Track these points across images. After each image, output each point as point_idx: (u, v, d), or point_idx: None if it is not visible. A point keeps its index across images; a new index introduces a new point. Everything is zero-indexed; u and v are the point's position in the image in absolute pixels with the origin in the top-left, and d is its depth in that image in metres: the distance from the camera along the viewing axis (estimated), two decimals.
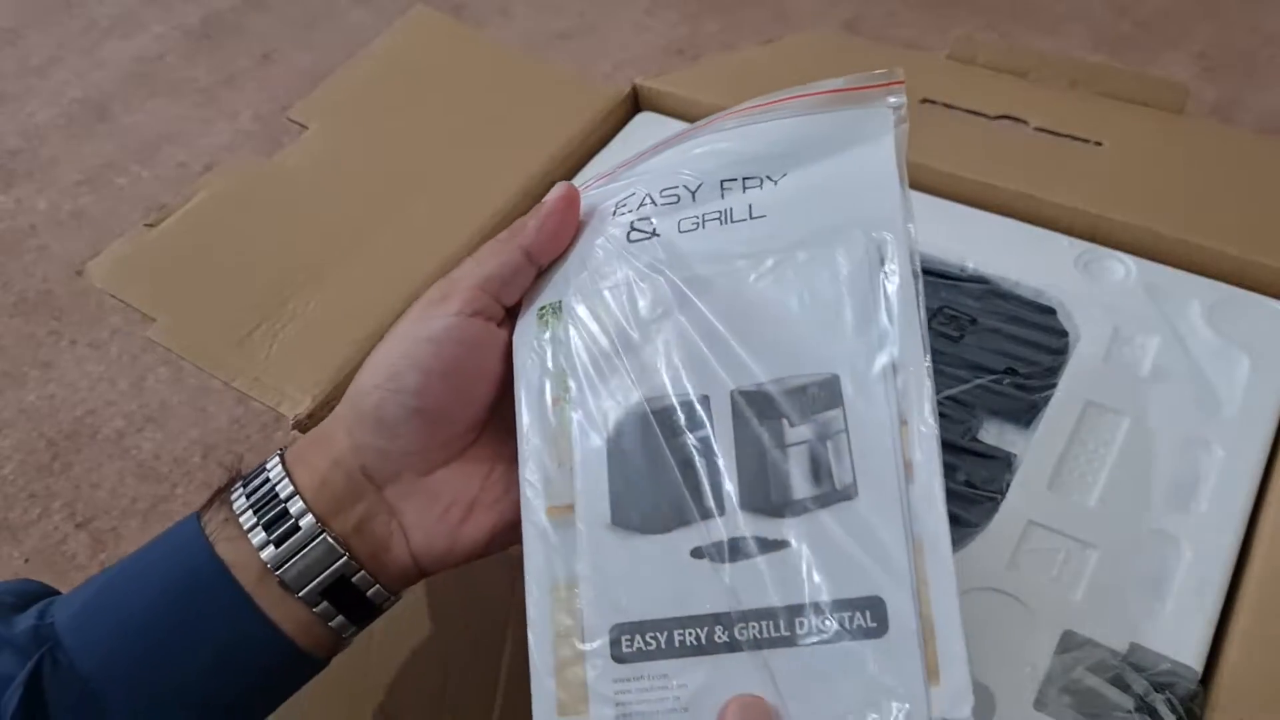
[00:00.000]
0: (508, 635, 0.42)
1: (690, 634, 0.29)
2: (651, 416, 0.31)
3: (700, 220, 0.33)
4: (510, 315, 0.35)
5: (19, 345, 1.03)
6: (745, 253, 0.32)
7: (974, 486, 0.42)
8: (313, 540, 0.32)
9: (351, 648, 0.37)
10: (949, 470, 0.42)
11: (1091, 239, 0.51)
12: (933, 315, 0.48)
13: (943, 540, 0.29)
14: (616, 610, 0.30)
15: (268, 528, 0.31)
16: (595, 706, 0.29)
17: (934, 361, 0.46)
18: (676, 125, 0.59)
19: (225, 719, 0.32)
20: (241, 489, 0.33)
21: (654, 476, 0.31)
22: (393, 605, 0.34)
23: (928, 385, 0.30)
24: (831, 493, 0.30)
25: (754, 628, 0.29)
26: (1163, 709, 0.35)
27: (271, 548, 0.31)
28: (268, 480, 0.32)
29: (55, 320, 1.05)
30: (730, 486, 0.30)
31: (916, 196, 0.53)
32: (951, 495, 0.41)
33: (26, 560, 0.86)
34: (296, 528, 0.31)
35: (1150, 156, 0.54)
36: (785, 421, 0.30)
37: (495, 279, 0.33)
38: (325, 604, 0.32)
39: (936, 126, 0.57)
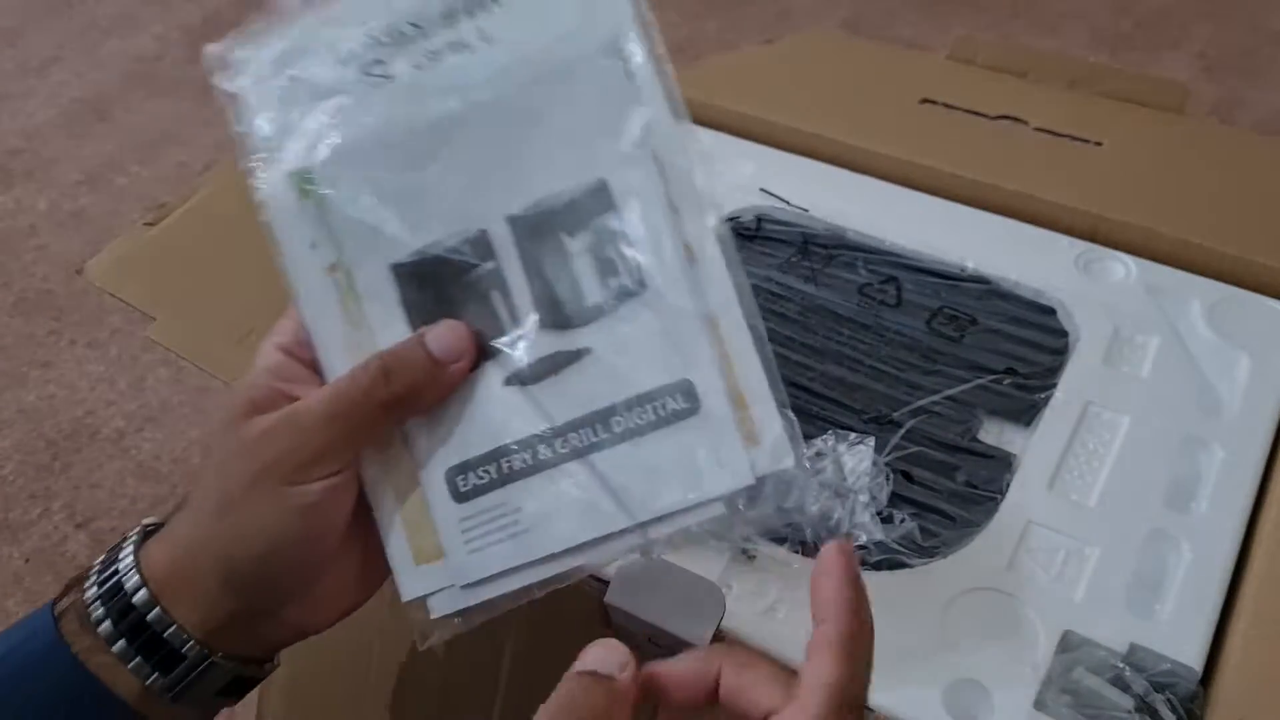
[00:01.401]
0: (508, 635, 0.42)
1: (517, 459, 0.31)
2: (436, 261, 0.32)
3: (432, 54, 0.33)
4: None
5: (19, 345, 1.03)
6: (486, 82, 0.32)
7: (974, 486, 0.42)
8: (200, 664, 0.31)
9: (352, 648, 0.37)
10: (949, 470, 0.42)
11: (1091, 239, 0.51)
12: (933, 315, 0.48)
13: (734, 312, 0.30)
14: (447, 454, 0.31)
15: (145, 654, 0.31)
16: (449, 548, 0.31)
17: (934, 361, 0.46)
18: None
19: None
20: (102, 610, 0.31)
21: (453, 318, 0.31)
22: (275, 668, 0.35)
23: (689, 168, 0.31)
24: (622, 291, 0.31)
25: (574, 438, 0.30)
26: (1163, 709, 0.35)
27: (158, 675, 0.31)
28: (133, 605, 0.31)
29: (55, 320, 1.05)
30: (525, 309, 0.31)
31: (917, 197, 0.54)
32: (951, 495, 0.41)
33: (27, 560, 0.86)
34: (181, 655, 0.31)
35: (1150, 156, 0.54)
36: (564, 235, 0.31)
37: (360, 439, 0.31)
38: (216, 699, 0.32)
39: (936, 126, 0.57)
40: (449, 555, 0.31)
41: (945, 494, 0.42)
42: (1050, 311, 0.48)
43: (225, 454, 0.31)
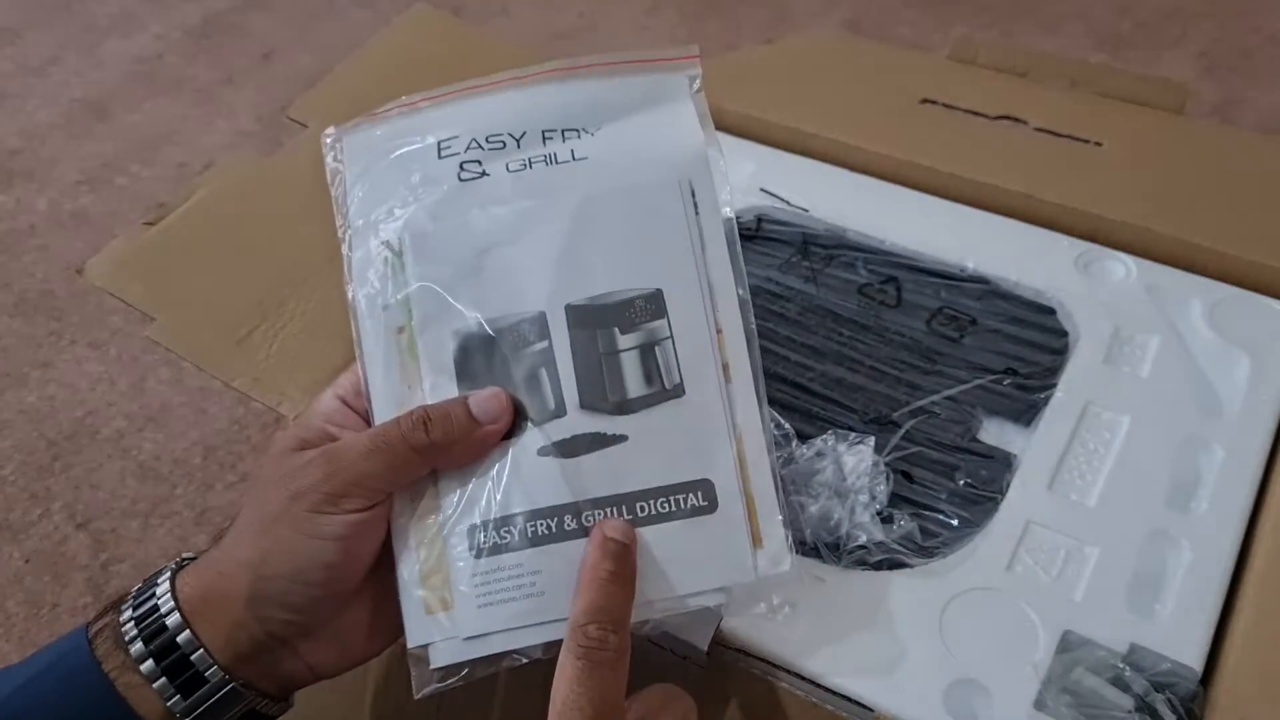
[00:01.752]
0: None
1: (541, 525, 0.33)
2: (494, 335, 0.35)
3: (527, 162, 0.37)
4: None
5: (19, 345, 1.03)
6: (569, 188, 0.36)
7: (974, 486, 0.42)
8: (220, 689, 0.32)
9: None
10: (949, 470, 0.42)
11: (1091, 239, 0.51)
12: (933, 315, 0.48)
13: (758, 429, 0.34)
14: (473, 511, 0.33)
15: (170, 675, 0.32)
16: (458, 600, 0.32)
17: (934, 361, 0.46)
18: None
19: None
20: (135, 630, 0.32)
21: (500, 387, 0.34)
22: (289, 709, 0.36)
23: (736, 300, 0.35)
24: (661, 391, 0.34)
25: (599, 514, 0.33)
26: (1163, 709, 0.35)
27: (179, 698, 0.32)
28: (165, 627, 0.32)
29: (55, 320, 1.05)
30: (570, 390, 0.34)
31: (917, 197, 0.54)
32: (951, 495, 0.41)
33: (27, 560, 0.86)
34: (203, 678, 0.32)
35: (1150, 156, 0.54)
36: (616, 330, 0.34)
37: (391, 480, 0.33)
38: None
39: (936, 126, 0.57)
40: (458, 607, 0.32)
41: (945, 494, 0.42)
42: (1050, 311, 0.48)
43: (266, 482, 0.33)
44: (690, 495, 0.33)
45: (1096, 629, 0.37)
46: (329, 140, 0.39)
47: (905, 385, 0.45)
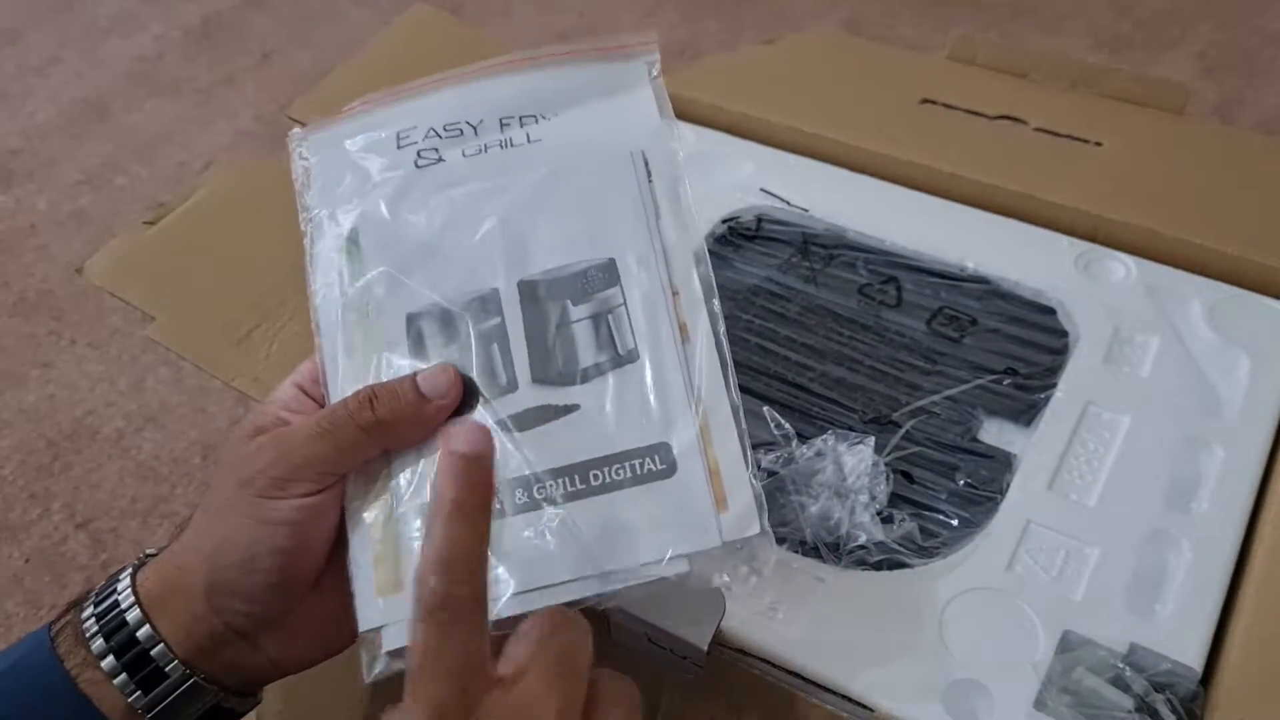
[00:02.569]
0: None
1: (497, 500, 0.32)
2: (449, 314, 0.35)
3: (483, 147, 0.37)
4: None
5: (19, 345, 1.03)
6: (523, 168, 0.37)
7: (974, 486, 0.42)
8: (182, 684, 0.32)
9: (348, 655, 0.37)
10: (949, 470, 0.42)
11: (1091, 239, 0.51)
12: (933, 315, 0.48)
13: (719, 389, 0.33)
14: (423, 489, 0.32)
15: (130, 670, 0.31)
16: (408, 579, 0.32)
17: (934, 361, 0.46)
18: (676, 125, 0.59)
19: None
20: (96, 627, 0.32)
21: (454, 364, 0.34)
22: (256, 705, 0.35)
23: (691, 259, 0.35)
24: (615, 358, 0.34)
25: (552, 486, 0.32)
26: (1163, 709, 0.35)
27: (139, 693, 0.31)
28: (125, 622, 0.32)
29: (55, 320, 1.05)
30: (521, 364, 0.34)
31: (917, 197, 0.54)
32: (951, 495, 0.41)
33: (27, 560, 0.86)
34: (163, 673, 0.32)
35: (1150, 156, 0.54)
36: (569, 302, 0.34)
37: (340, 462, 0.33)
38: None
39: (936, 126, 0.57)
40: (409, 589, 0.31)
41: (945, 494, 0.42)
42: (1050, 311, 0.48)
43: (221, 471, 0.33)
44: (646, 460, 0.32)
45: (1096, 629, 0.37)
46: (294, 140, 0.39)
47: (905, 385, 0.45)
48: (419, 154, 0.37)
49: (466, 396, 0.34)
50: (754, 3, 1.37)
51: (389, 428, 0.33)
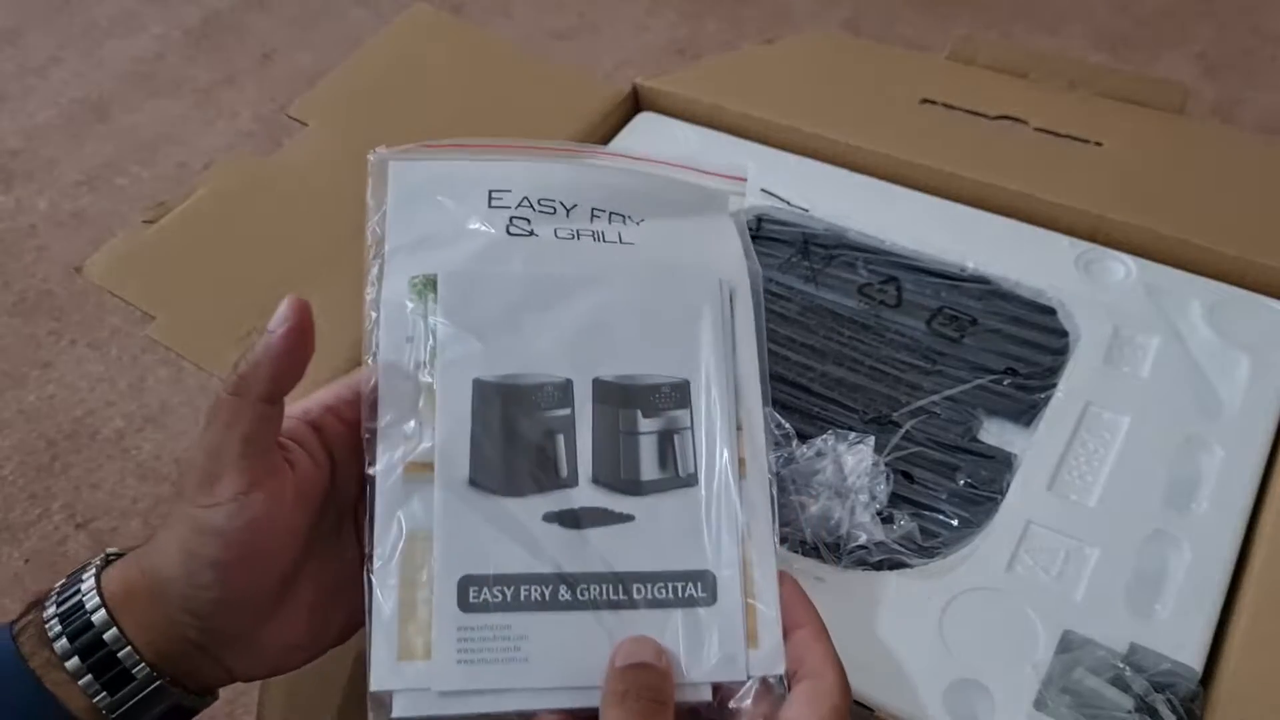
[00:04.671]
0: None
1: (535, 590, 0.32)
2: (516, 391, 0.34)
3: (575, 233, 0.37)
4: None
5: (19, 345, 1.03)
6: (617, 266, 0.36)
7: (974, 486, 0.42)
8: (147, 686, 0.32)
9: (355, 646, 0.37)
10: (949, 470, 0.42)
11: (1091, 239, 0.51)
12: (933, 315, 0.48)
13: (766, 528, 0.34)
14: (466, 562, 0.32)
15: (96, 672, 0.31)
16: (438, 652, 0.31)
17: (934, 361, 0.46)
18: (677, 125, 0.59)
19: None
20: (60, 627, 0.32)
21: (515, 445, 0.33)
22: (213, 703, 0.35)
23: (759, 400, 0.35)
24: (675, 478, 0.34)
25: (595, 589, 0.32)
26: (1163, 709, 0.35)
27: (105, 695, 0.31)
28: (90, 624, 0.32)
29: (55, 320, 1.05)
30: (584, 462, 0.34)
31: (917, 197, 0.54)
32: (952, 495, 0.41)
33: (27, 561, 0.86)
34: (129, 675, 0.31)
35: (1150, 156, 0.54)
36: (639, 412, 0.34)
37: (253, 441, 0.32)
38: None
39: (936, 126, 0.57)
40: (436, 659, 0.31)
41: (945, 494, 0.42)
42: (1050, 311, 0.48)
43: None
44: (690, 585, 0.33)
45: (1096, 629, 0.37)
46: (374, 161, 0.38)
47: (905, 385, 0.45)
48: (511, 219, 0.37)
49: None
50: (754, 3, 1.37)
51: (250, 379, 0.31)
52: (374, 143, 0.38)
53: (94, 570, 0.33)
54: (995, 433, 0.44)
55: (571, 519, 0.33)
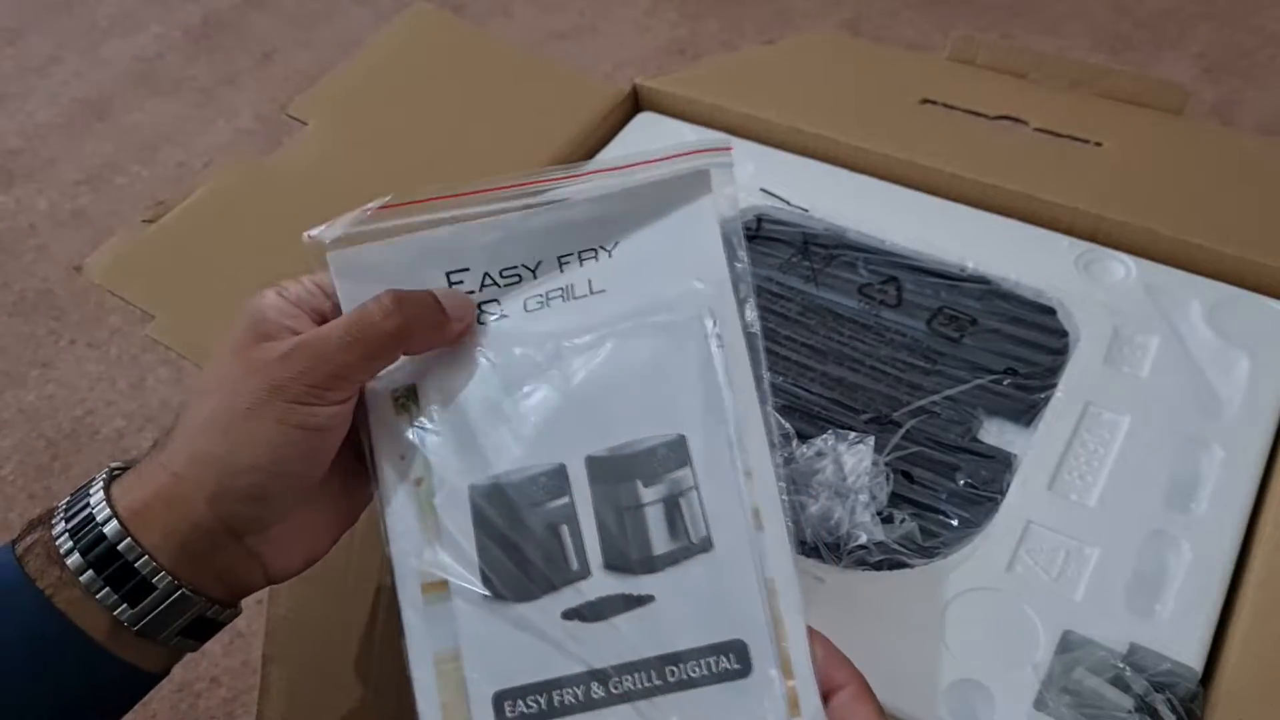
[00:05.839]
0: None
1: (569, 693, 0.31)
2: (511, 489, 0.33)
3: (544, 298, 0.35)
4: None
5: (19, 345, 1.03)
6: (590, 328, 0.35)
7: (974, 486, 0.42)
8: (169, 595, 0.31)
9: (354, 649, 0.37)
10: (949, 470, 0.42)
11: (1091, 239, 0.51)
12: (933, 315, 0.48)
13: (792, 580, 0.32)
14: (497, 678, 0.31)
15: (114, 584, 0.31)
16: None
17: (934, 361, 0.46)
18: (677, 125, 0.59)
19: None
20: (71, 542, 0.31)
21: (521, 546, 0.32)
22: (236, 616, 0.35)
23: (763, 437, 0.33)
24: (689, 546, 0.32)
25: (628, 680, 0.31)
26: (1163, 709, 0.35)
27: (125, 605, 0.31)
28: (104, 536, 0.31)
29: (55, 320, 1.05)
30: (593, 549, 0.32)
31: (917, 197, 0.54)
32: (951, 495, 0.41)
33: None
34: (150, 585, 0.31)
35: (1150, 156, 0.54)
36: (639, 482, 0.33)
37: (369, 369, 0.33)
38: (179, 639, 0.33)
39: (936, 126, 0.57)
40: None
41: (945, 494, 0.42)
42: (1050, 311, 0.48)
43: (233, 377, 0.32)
44: (722, 658, 0.31)
45: (1096, 629, 0.37)
46: (309, 246, 0.35)
47: (905, 385, 0.45)
48: (481, 307, 0.35)
49: (529, 577, 0.32)
50: (754, 3, 1.37)
51: (412, 333, 0.33)
52: (374, 142, 0.38)
53: (101, 483, 0.32)
54: (995, 433, 0.44)
55: (591, 612, 0.32)
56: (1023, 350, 0.46)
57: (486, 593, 0.32)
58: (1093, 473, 0.42)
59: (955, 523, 0.40)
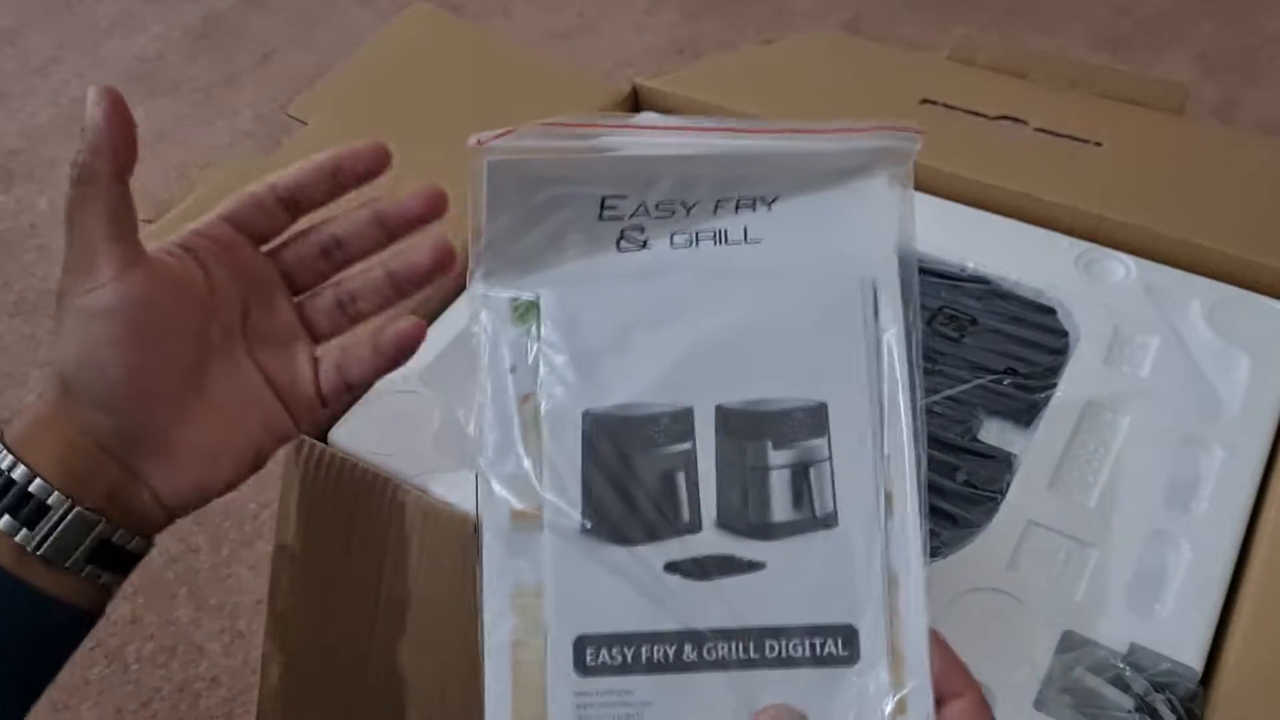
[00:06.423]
0: None
1: (658, 650, 0.29)
2: (630, 423, 0.31)
3: (694, 237, 0.33)
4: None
5: (19, 345, 1.03)
6: (740, 275, 0.32)
7: (974, 486, 0.42)
8: (66, 515, 0.32)
9: (351, 649, 0.37)
10: (949, 470, 0.42)
11: (1091, 239, 0.51)
12: (933, 315, 0.48)
13: (917, 573, 0.30)
14: (582, 621, 0.29)
15: (11, 511, 0.31)
16: (554, 717, 0.29)
17: (934, 361, 0.46)
18: None
19: (9, 691, 0.32)
20: None
21: (632, 486, 0.30)
22: (150, 549, 0.35)
23: (910, 423, 0.30)
24: (811, 519, 0.30)
25: (723, 648, 0.29)
26: (1163, 709, 0.35)
27: (25, 530, 0.31)
28: None
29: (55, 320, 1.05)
30: (709, 503, 0.30)
31: (917, 197, 0.53)
32: (951, 495, 0.41)
33: None
34: (45, 506, 0.31)
35: (1150, 156, 0.54)
36: (769, 443, 0.30)
37: (118, 221, 0.32)
38: (90, 567, 0.33)
39: (936, 126, 0.57)
40: None
41: (945, 494, 0.42)
42: (1050, 311, 0.48)
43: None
44: (829, 641, 0.29)
45: (1096, 629, 0.37)
46: (471, 149, 0.33)
47: None
48: (623, 233, 0.33)
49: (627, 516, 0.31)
50: (754, 3, 1.37)
51: (93, 163, 0.32)
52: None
53: None
54: (995, 433, 0.44)
55: (696, 569, 0.30)
56: (1023, 350, 0.46)
57: (586, 527, 0.30)
58: (1093, 473, 0.42)
59: (955, 523, 0.40)
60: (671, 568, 0.30)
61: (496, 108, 0.59)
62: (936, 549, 0.40)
